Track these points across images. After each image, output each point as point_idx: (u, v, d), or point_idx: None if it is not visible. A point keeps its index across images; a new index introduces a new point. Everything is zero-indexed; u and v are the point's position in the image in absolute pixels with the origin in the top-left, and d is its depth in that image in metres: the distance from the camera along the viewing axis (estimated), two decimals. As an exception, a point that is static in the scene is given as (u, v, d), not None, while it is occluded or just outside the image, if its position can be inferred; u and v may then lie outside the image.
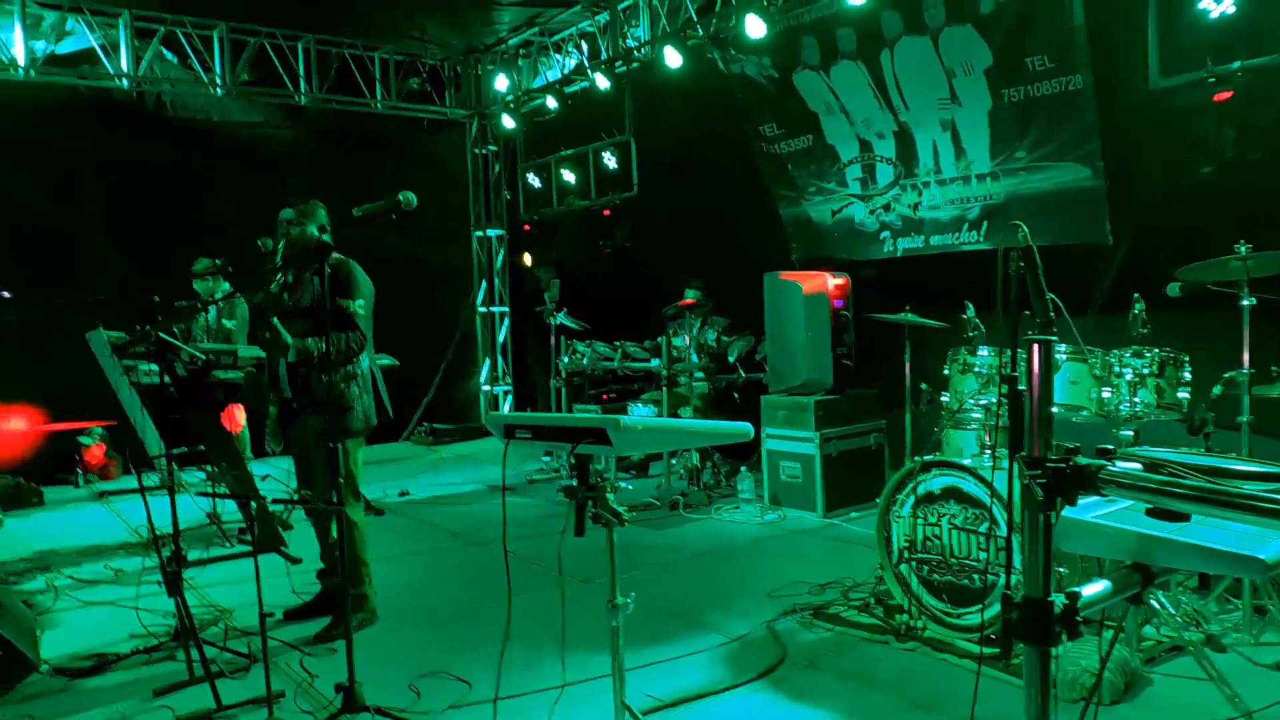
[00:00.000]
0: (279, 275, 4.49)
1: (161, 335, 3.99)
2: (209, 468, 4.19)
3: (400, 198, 3.57)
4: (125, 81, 8.83)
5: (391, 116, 10.60)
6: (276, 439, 4.52)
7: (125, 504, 7.52)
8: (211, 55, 9.21)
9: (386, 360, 7.36)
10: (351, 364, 4.38)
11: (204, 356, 5.20)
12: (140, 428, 4.41)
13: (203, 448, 4.44)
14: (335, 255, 4.36)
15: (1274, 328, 4.16)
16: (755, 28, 7.30)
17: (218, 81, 9.27)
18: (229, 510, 6.36)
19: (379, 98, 10.35)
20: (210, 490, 4.41)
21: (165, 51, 9.07)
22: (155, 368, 4.50)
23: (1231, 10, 5.15)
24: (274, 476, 6.57)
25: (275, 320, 4.17)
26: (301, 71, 9.78)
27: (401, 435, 10.76)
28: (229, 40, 9.24)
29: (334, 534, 4.38)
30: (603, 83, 8.96)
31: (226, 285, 7.14)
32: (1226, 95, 5.32)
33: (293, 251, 4.38)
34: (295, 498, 4.53)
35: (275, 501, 4.75)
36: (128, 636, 4.37)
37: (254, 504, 3.84)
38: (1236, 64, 5.20)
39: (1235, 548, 1.61)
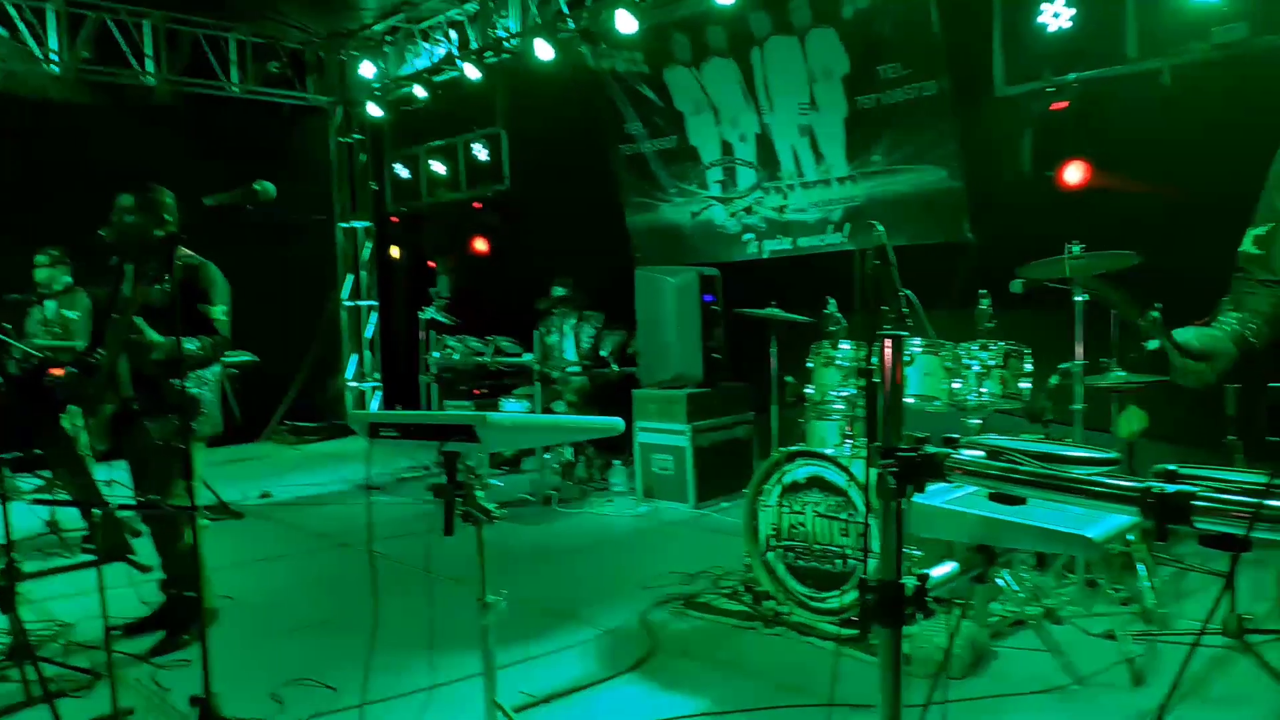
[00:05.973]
0: (123, 269, 4.18)
1: (-10, 332, 3.69)
2: (46, 473, 3.89)
3: (256, 187, 3.38)
4: (-54, 55, 8.13)
5: (249, 101, 10.12)
6: (103, 439, 4.20)
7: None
8: (45, 30, 8.57)
9: (245, 356, 7.05)
10: (206, 369, 4.20)
11: (40, 354, 4.84)
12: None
13: (39, 452, 4.13)
14: (193, 257, 4.11)
15: (1104, 322, 4.50)
16: (626, 23, 7.33)
17: (53, 59, 8.64)
18: (71, 518, 5.95)
19: (235, 81, 9.87)
20: (49, 497, 4.12)
21: (-5, 25, 8.39)
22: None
23: (1068, 25, 5.52)
24: (119, 481, 6.18)
25: (139, 320, 3.87)
26: (150, 51, 9.21)
27: (261, 434, 10.32)
28: (66, 15, 8.61)
29: (185, 541, 4.15)
30: (473, 73, 8.82)
31: (68, 278, 6.68)
32: (1063, 105, 5.69)
33: (129, 242, 4.03)
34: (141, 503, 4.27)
35: (122, 507, 4.48)
36: (-46, 658, 4.03)
37: (97, 511, 3.60)
38: (1072, 75, 5.58)
39: (1067, 527, 1.72)
